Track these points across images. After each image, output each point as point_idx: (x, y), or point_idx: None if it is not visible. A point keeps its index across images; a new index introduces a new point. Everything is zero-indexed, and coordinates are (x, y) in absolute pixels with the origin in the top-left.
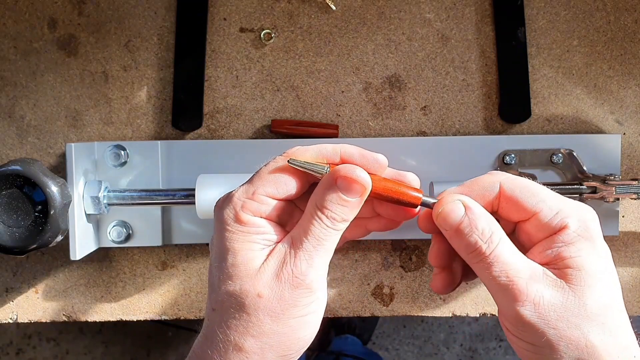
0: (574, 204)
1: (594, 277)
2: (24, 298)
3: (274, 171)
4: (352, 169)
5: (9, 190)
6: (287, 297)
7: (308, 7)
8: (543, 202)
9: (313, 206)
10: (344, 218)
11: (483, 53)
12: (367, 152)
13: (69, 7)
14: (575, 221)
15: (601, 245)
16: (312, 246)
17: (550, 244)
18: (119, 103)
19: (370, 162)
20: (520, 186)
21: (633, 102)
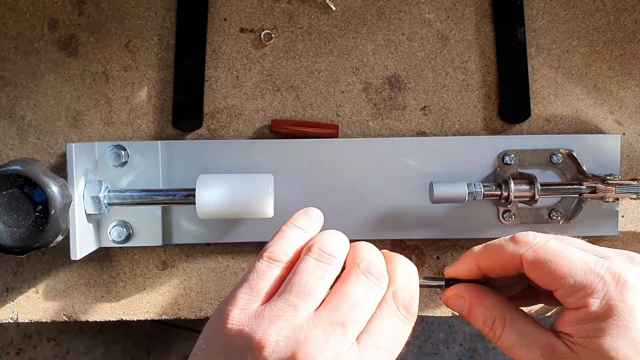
0: (602, 274)
1: (610, 359)
2: (24, 298)
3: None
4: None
5: (10, 190)
6: None
7: (308, 7)
8: (563, 279)
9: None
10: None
11: (483, 53)
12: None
13: (69, 7)
14: (597, 300)
15: (634, 324)
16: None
17: (575, 316)
18: (120, 103)
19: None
20: (542, 260)
21: (633, 102)
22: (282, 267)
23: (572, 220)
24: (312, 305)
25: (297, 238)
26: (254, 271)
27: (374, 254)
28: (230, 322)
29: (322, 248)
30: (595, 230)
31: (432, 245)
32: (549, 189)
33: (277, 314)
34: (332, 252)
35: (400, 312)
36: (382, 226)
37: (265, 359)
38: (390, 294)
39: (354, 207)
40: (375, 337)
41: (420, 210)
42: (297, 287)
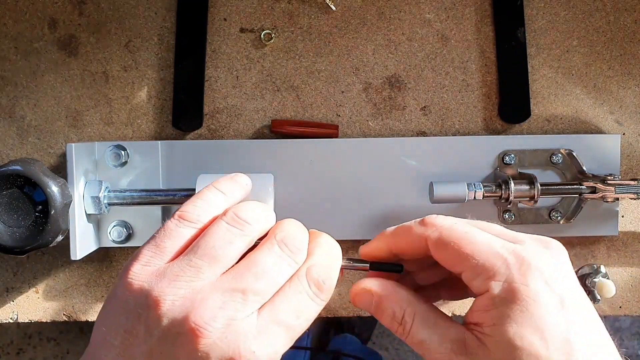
0: (505, 257)
1: (517, 348)
2: (24, 298)
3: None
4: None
5: (10, 190)
6: None
7: (308, 7)
8: (466, 261)
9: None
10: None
11: (483, 53)
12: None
13: (69, 7)
14: (499, 283)
15: (537, 309)
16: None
17: (480, 303)
18: (120, 103)
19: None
20: (446, 241)
21: (632, 102)
22: (193, 228)
23: (572, 220)
24: (217, 270)
25: (215, 201)
26: (162, 229)
27: (296, 228)
28: (130, 277)
29: (237, 213)
30: (595, 230)
31: None
32: (549, 189)
33: (178, 273)
34: (247, 219)
35: (310, 289)
36: (382, 226)
37: (159, 316)
38: (304, 269)
39: (354, 207)
40: (277, 311)
41: (421, 210)
42: (202, 249)
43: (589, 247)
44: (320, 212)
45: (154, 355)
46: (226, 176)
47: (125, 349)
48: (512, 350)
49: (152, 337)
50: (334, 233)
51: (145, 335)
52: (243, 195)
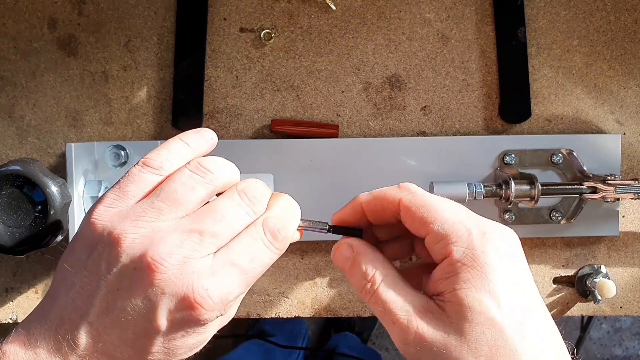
0: (469, 226)
1: (475, 312)
2: (23, 298)
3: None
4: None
5: (9, 190)
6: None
7: (308, 7)
8: (432, 224)
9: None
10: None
11: (483, 53)
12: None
13: (69, 7)
14: (461, 249)
15: (494, 275)
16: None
17: (441, 271)
18: (119, 103)
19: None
20: (417, 204)
21: (633, 102)
22: (157, 175)
23: (572, 220)
24: (178, 213)
25: (179, 150)
26: (127, 174)
27: (258, 183)
28: (93, 217)
29: (200, 162)
30: (596, 230)
31: None
32: (549, 189)
33: (140, 214)
34: (210, 168)
35: (265, 237)
36: None
37: (119, 253)
38: (262, 219)
39: None
40: (232, 253)
41: None
42: (164, 193)
43: (589, 247)
44: (320, 212)
45: (111, 290)
46: (192, 130)
47: (85, 285)
48: (469, 313)
49: (111, 273)
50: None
51: (105, 271)
52: (208, 149)
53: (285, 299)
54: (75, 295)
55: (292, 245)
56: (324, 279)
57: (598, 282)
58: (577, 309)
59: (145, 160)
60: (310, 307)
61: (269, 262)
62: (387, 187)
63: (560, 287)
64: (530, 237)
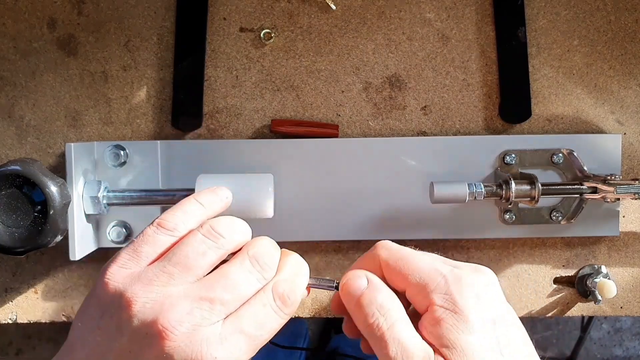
0: (445, 273)
1: (469, 354)
2: (23, 298)
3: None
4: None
5: (9, 190)
6: None
7: (308, 6)
8: (410, 276)
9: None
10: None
11: (483, 53)
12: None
13: (68, 7)
14: (440, 295)
15: (475, 317)
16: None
17: (427, 321)
18: (119, 103)
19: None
20: (394, 258)
21: (634, 102)
22: (170, 236)
23: (573, 220)
24: (189, 278)
25: (193, 212)
26: (141, 234)
27: (268, 245)
28: (106, 277)
29: (213, 226)
30: (596, 231)
31: (433, 245)
32: (549, 189)
33: (152, 278)
34: (221, 232)
35: (275, 302)
36: (382, 226)
37: (131, 316)
38: (271, 284)
39: (354, 207)
40: (241, 320)
41: (421, 210)
42: (176, 257)
43: (589, 247)
44: (320, 212)
45: (123, 353)
46: (208, 189)
47: (97, 346)
48: (462, 353)
49: (122, 335)
50: (334, 233)
51: (116, 333)
52: (222, 208)
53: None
54: (89, 352)
55: (291, 245)
56: None
57: (598, 282)
58: (577, 309)
59: (160, 221)
60: (310, 307)
61: (277, 328)
62: (365, 254)
63: (561, 287)
64: (531, 237)
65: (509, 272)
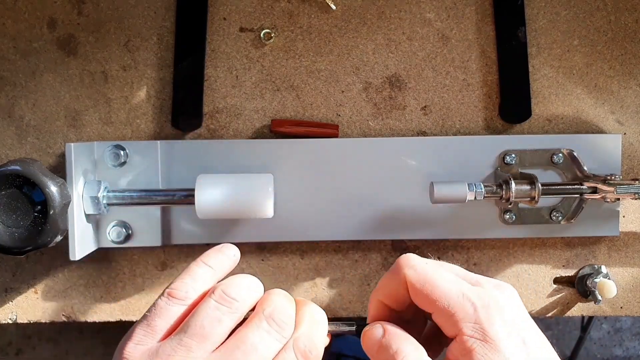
0: (473, 301)
1: None
2: (23, 298)
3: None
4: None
5: (8, 190)
6: None
7: (308, 6)
8: (437, 302)
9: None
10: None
11: (483, 53)
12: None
13: (68, 6)
14: (470, 324)
15: (506, 344)
16: None
17: (457, 348)
18: (119, 103)
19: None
20: (420, 281)
21: (634, 102)
22: (183, 305)
23: (573, 221)
24: (207, 347)
25: (203, 276)
26: (153, 307)
27: (282, 300)
28: (124, 356)
29: (225, 290)
30: (596, 231)
31: (432, 245)
32: (549, 189)
33: (170, 353)
34: (234, 296)
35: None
36: (382, 226)
37: None
38: (291, 341)
39: (354, 207)
40: None
41: (421, 210)
42: (192, 329)
43: (589, 247)
44: (320, 212)
45: None
46: (214, 248)
47: None
48: None
49: None
50: (334, 233)
51: None
52: (231, 266)
53: None
54: None
55: (291, 245)
56: (324, 279)
57: (598, 282)
58: (577, 309)
59: (170, 291)
60: None
61: None
62: (388, 272)
63: (561, 287)
64: (531, 237)
65: (509, 272)
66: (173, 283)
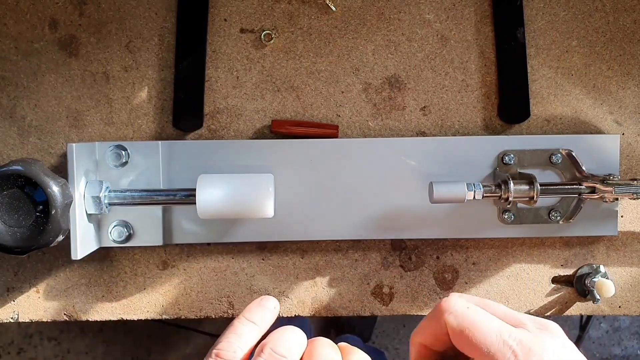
0: (513, 347)
1: None
2: (25, 297)
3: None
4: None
5: (11, 190)
6: None
7: (308, 8)
8: (478, 348)
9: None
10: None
11: (482, 53)
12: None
13: (70, 7)
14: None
15: None
16: None
17: None
18: (120, 103)
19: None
20: (462, 327)
21: (632, 102)
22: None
23: (571, 220)
24: None
25: (249, 333)
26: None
27: (329, 351)
28: None
29: (274, 348)
30: (595, 230)
31: (432, 245)
32: (548, 189)
33: None
34: (284, 353)
35: None
36: (382, 226)
37: None
38: None
39: (354, 207)
40: None
41: (420, 210)
42: None
43: (588, 247)
44: (320, 212)
45: None
46: (255, 302)
47: None
48: None
49: None
50: (334, 233)
51: None
52: (273, 319)
53: (286, 298)
54: None
55: (292, 245)
56: (324, 279)
57: (597, 282)
58: (576, 308)
59: (218, 352)
60: (310, 307)
61: None
62: (428, 316)
63: (559, 287)
64: (529, 236)
65: (508, 272)
66: (219, 343)
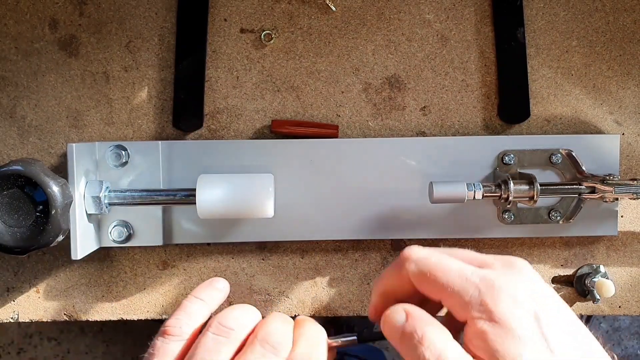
0: (477, 283)
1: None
2: (25, 297)
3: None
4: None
5: (10, 190)
6: None
7: (308, 8)
8: (443, 290)
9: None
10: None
11: (482, 53)
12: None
13: (70, 7)
14: (477, 308)
15: (516, 323)
16: None
17: (471, 334)
18: (120, 103)
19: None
20: (423, 272)
21: (632, 103)
22: (180, 341)
23: (571, 220)
24: None
25: (197, 311)
26: (151, 348)
27: (276, 323)
28: None
29: (220, 322)
30: (595, 230)
31: (432, 245)
32: (548, 189)
33: None
34: (230, 325)
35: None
36: (382, 226)
37: None
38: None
39: (353, 207)
40: None
41: (420, 210)
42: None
43: (588, 247)
44: (320, 212)
45: None
46: (204, 282)
47: None
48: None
49: None
50: (334, 233)
51: None
52: (222, 299)
53: (285, 298)
54: None
55: (292, 244)
56: (324, 279)
57: (597, 282)
58: (576, 308)
59: (165, 329)
60: (310, 307)
61: None
62: (390, 266)
63: (559, 287)
64: (529, 236)
65: None
66: (167, 321)
